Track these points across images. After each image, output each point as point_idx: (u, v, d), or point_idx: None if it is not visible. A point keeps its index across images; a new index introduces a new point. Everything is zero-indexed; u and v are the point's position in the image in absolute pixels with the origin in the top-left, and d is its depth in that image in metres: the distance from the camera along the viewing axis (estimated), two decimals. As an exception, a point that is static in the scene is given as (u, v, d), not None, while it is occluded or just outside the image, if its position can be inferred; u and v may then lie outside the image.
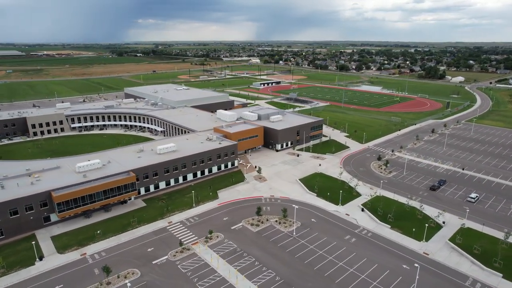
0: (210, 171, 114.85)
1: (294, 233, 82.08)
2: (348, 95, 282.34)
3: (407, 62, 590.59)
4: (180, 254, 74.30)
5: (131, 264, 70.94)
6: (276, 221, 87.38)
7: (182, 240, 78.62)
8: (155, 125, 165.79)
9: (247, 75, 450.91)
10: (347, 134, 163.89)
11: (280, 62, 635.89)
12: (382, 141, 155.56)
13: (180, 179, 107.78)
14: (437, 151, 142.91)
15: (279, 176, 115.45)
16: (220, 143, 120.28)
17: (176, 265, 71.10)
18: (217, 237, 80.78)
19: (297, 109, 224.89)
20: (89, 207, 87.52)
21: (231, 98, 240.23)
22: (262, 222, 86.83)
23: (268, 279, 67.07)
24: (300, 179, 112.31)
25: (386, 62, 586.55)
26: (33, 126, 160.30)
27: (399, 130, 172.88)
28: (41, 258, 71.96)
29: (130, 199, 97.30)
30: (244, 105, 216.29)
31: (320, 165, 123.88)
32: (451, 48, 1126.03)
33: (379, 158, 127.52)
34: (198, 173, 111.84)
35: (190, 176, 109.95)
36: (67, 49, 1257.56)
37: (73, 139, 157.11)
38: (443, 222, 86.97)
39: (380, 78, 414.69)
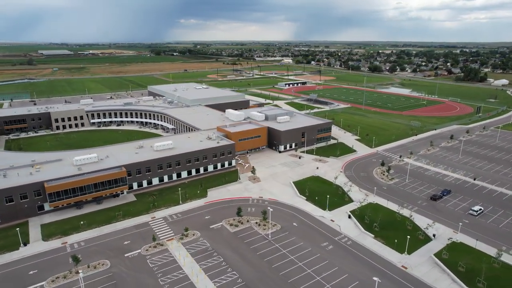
0: (205, 169, 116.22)
1: (270, 236, 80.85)
2: (373, 97, 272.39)
3: (448, 64, 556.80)
4: (152, 249, 76.05)
5: (104, 255, 73.75)
6: (256, 223, 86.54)
7: (158, 236, 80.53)
8: (167, 122, 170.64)
9: (275, 75, 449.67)
10: (358, 138, 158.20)
11: (312, 62, 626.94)
12: (393, 146, 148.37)
13: (174, 176, 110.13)
14: (451, 158, 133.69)
15: (274, 178, 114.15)
16: (218, 142, 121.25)
17: (146, 259, 72.88)
18: (193, 235, 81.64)
19: (315, 110, 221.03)
20: (80, 198, 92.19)
21: (250, 97, 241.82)
22: (242, 223, 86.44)
23: (229, 280, 66.71)
24: (294, 182, 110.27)
25: (423, 63, 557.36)
26: (56, 120, 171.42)
27: (416, 135, 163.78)
28: (25, 244, 77.03)
29: (122, 192, 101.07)
30: (260, 105, 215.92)
31: (317, 168, 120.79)
32: (504, 49, 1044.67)
33: (382, 164, 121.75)
34: (193, 171, 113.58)
35: (184, 174, 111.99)
36: (112, 48, 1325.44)
37: (90, 134, 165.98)
38: (433, 235, 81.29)
39: (413, 80, 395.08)
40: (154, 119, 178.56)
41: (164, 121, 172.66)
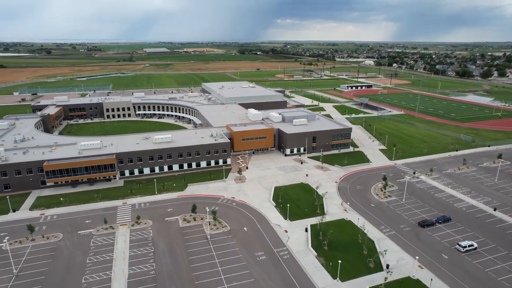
0: (198, 165, 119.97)
1: (209, 237, 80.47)
2: (439, 105, 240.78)
3: None
4: (103, 231, 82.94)
5: (62, 229, 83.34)
6: (208, 221, 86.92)
7: (116, 220, 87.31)
8: (196, 117, 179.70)
9: (346, 76, 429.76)
10: (384, 148, 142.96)
11: (394, 64, 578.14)
12: (419, 160, 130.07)
13: (165, 168, 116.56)
14: (483, 181, 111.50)
15: (260, 180, 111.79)
16: (216, 140, 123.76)
17: (91, 238, 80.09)
18: (145, 223, 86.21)
19: (359, 114, 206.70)
20: (75, 178, 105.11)
21: (300, 98, 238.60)
22: (195, 220, 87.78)
23: (143, 270, 69.13)
24: (276, 187, 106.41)
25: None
26: (107, 110, 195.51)
27: (456, 150, 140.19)
28: (14, 211, 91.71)
29: (114, 177, 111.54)
30: (298, 106, 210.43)
31: (307, 175, 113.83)
32: None
33: (384, 178, 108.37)
34: (185, 165, 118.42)
35: (176, 167, 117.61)
36: (209, 47, 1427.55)
37: (130, 124, 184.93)
38: (387, 266, 70.32)
39: (509, 87, 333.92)
40: (188, 114, 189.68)
41: (195, 116, 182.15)
